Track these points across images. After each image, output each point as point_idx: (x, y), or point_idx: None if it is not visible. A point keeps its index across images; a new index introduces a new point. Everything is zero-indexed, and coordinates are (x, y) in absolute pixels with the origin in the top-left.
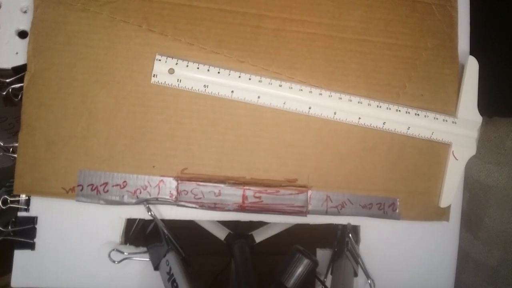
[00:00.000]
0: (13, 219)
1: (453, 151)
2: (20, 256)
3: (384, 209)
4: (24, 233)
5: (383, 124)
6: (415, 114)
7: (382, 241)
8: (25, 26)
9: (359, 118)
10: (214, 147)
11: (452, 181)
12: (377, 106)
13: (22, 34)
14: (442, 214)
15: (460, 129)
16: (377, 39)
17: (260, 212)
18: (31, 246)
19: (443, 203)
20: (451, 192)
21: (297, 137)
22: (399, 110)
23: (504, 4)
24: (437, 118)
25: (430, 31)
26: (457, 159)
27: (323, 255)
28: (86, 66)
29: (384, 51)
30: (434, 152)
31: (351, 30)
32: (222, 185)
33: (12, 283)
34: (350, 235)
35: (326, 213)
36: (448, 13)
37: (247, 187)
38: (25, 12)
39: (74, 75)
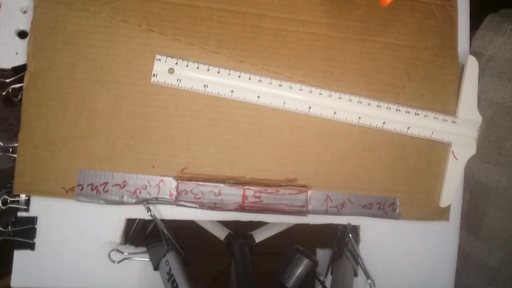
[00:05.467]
0: (13, 219)
1: (453, 151)
2: (20, 256)
3: (384, 209)
4: (24, 233)
5: (383, 123)
6: (415, 114)
7: (382, 241)
8: (25, 26)
9: (359, 117)
10: (214, 147)
11: (452, 181)
12: (377, 106)
13: (22, 34)
14: (442, 214)
15: (460, 128)
16: (377, 39)
17: (260, 212)
18: (31, 246)
19: (443, 203)
20: (451, 192)
21: (297, 137)
22: (399, 110)
23: (504, 4)
24: (437, 118)
25: (430, 31)
26: (457, 159)
27: (323, 255)
28: (86, 65)
29: (384, 50)
30: (434, 152)
31: (351, 29)
32: (222, 185)
33: (12, 283)
34: (350, 235)
35: (326, 213)
36: (448, 13)
37: (247, 187)
38: (24, 12)
39: (74, 75)
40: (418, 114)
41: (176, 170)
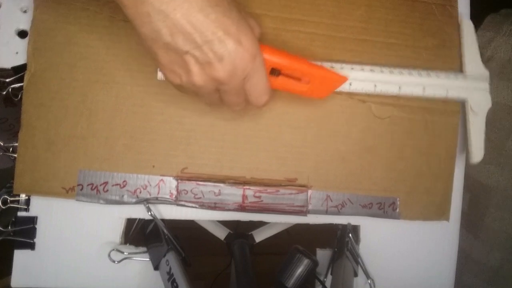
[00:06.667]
0: (13, 219)
1: (470, 106)
2: (20, 256)
3: (384, 208)
4: (24, 233)
5: (399, 89)
6: (427, 75)
7: (382, 241)
8: (25, 26)
9: (375, 85)
10: (214, 147)
11: (477, 136)
12: (390, 72)
13: (22, 34)
14: (442, 214)
15: (472, 82)
16: (377, 39)
17: (260, 211)
18: (31, 246)
19: (474, 158)
20: (480, 146)
21: (297, 137)
22: (412, 74)
23: (504, 4)
24: (448, 76)
25: (430, 31)
26: (476, 114)
27: (323, 255)
28: (86, 66)
29: (384, 51)
30: (434, 152)
31: (351, 30)
32: (222, 185)
33: (12, 283)
34: (350, 235)
35: (326, 212)
36: (448, 13)
37: (247, 187)
38: (25, 12)
39: (74, 75)
40: (430, 75)
41: (176, 170)
